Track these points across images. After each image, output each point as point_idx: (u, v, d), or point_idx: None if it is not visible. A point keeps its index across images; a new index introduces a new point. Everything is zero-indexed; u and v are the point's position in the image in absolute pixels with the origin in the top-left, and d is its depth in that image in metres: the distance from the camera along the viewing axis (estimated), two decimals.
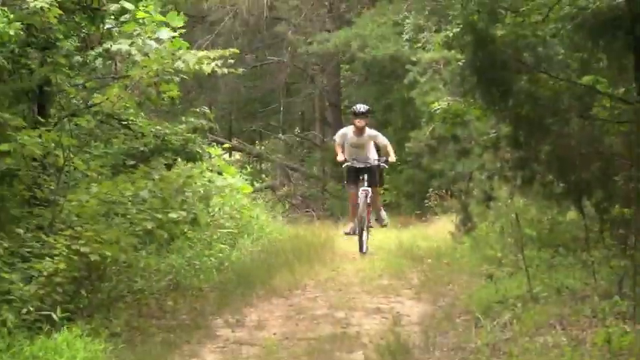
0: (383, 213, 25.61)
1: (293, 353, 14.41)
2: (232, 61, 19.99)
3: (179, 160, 19.68)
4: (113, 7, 17.86)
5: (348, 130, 25.04)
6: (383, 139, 25.10)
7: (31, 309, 14.10)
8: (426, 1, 29.87)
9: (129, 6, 17.94)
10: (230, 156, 28.81)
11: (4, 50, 15.22)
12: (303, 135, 38.87)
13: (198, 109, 20.90)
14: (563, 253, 17.60)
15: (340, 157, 24.63)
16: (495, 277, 17.79)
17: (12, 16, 15.23)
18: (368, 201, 23.98)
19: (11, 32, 14.97)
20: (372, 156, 24.97)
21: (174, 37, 18.36)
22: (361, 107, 24.88)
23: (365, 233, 23.89)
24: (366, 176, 24.40)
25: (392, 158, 24.91)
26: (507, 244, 19.15)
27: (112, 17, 18.23)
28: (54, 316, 14.16)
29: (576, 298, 15.40)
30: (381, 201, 27.09)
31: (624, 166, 11.84)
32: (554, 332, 14.01)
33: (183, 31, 19.40)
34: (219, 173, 24.04)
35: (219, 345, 15.02)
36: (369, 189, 24.14)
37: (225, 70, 19.78)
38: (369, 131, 24.99)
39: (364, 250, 23.54)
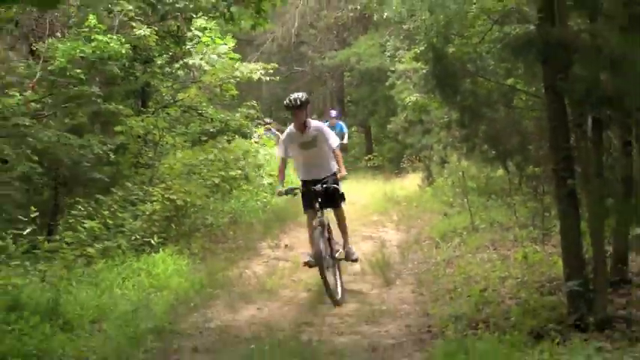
0: (351, 247, 13.48)
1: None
2: (271, 71, 20.20)
3: (236, 137, 19.70)
4: (189, 34, 17.99)
5: (291, 131, 13.12)
6: (332, 141, 13.03)
7: (138, 237, 14.19)
8: (401, 30, 29.68)
9: (199, 34, 18.20)
10: (269, 134, 28.64)
11: (119, 63, 15.20)
12: (319, 120, 38.96)
13: (248, 103, 20.92)
14: (494, 198, 17.58)
15: (279, 188, 13.36)
16: (448, 215, 17.79)
17: (124, 40, 15.21)
18: (326, 235, 12.87)
19: (123, 51, 14.95)
20: (328, 163, 13.23)
21: (228, 48, 18.82)
22: (296, 99, 12.81)
23: (332, 274, 12.59)
24: (320, 200, 12.97)
25: (342, 172, 12.95)
26: (456, 192, 19.11)
27: (189, 41, 18.31)
28: (152, 241, 14.23)
29: (503, 229, 15.39)
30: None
31: (535, 139, 11.78)
32: (488, 251, 14.02)
33: (237, 49, 19.73)
34: (262, 145, 24.08)
35: (263, 260, 15.06)
36: (324, 218, 12.88)
37: (267, 78, 20.01)
38: (314, 123, 13.19)
39: (339, 297, 12.30)
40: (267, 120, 29.09)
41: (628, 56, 8.90)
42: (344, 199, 13.29)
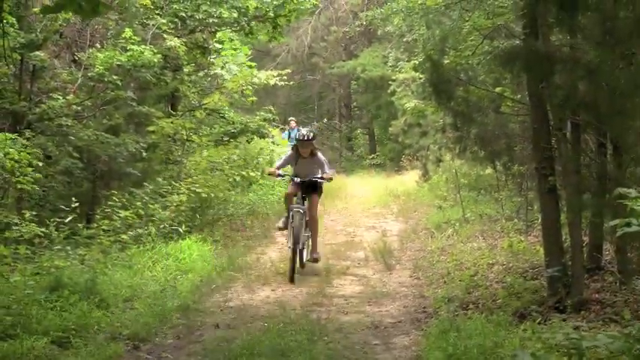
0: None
1: (322, 252, 14.40)
2: (286, 77, 20.22)
3: (255, 137, 19.69)
4: (212, 46, 18.06)
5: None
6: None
7: (166, 225, 14.18)
8: (401, 43, 29.67)
9: (218, 46, 18.31)
10: (284, 135, 28.70)
11: (151, 71, 15.19)
12: (329, 123, 38.82)
13: (266, 107, 20.95)
14: (483, 193, 17.55)
15: None
16: (443, 207, 17.75)
17: (155, 50, 15.23)
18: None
19: (155, 60, 14.95)
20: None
21: (246, 61, 18.92)
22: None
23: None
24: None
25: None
26: (450, 187, 19.07)
27: (214, 52, 18.37)
28: (180, 230, 14.21)
29: (491, 220, 15.35)
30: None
31: (520, 141, 11.76)
32: (478, 240, 14.00)
33: (256, 60, 19.84)
34: (278, 144, 24.02)
35: (278, 247, 15.02)
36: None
37: (282, 84, 20.04)
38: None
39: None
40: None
41: (602, 67, 8.89)
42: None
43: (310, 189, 12.91)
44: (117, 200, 13.87)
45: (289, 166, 13.56)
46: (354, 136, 39.93)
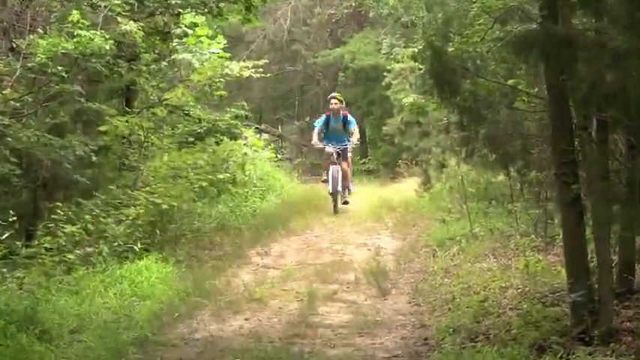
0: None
1: (305, 275, 14.38)
2: (262, 69, 20.21)
3: (225, 138, 19.66)
4: (178, 30, 18.00)
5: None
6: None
7: (120, 243, 14.15)
8: (397, 27, 29.74)
9: (189, 31, 18.24)
10: (260, 136, 28.63)
11: (102, 60, 15.14)
12: (311, 122, 38.88)
13: (238, 103, 20.94)
14: (494, 205, 17.56)
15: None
16: (447, 221, 17.73)
17: (107, 35, 15.18)
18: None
19: (107, 47, 14.91)
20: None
21: (220, 51, 18.82)
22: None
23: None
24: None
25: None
26: (455, 198, 19.07)
27: (178, 38, 18.34)
28: (136, 248, 14.18)
29: (504, 236, 15.35)
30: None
31: (538, 143, 11.78)
32: (488, 260, 13.99)
33: (227, 47, 19.77)
34: (252, 147, 23.96)
35: (252, 269, 14.99)
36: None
37: (258, 75, 20.02)
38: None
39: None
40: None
41: (632, 54, 8.88)
42: None
43: None
44: (62, 213, 13.80)
45: None
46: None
